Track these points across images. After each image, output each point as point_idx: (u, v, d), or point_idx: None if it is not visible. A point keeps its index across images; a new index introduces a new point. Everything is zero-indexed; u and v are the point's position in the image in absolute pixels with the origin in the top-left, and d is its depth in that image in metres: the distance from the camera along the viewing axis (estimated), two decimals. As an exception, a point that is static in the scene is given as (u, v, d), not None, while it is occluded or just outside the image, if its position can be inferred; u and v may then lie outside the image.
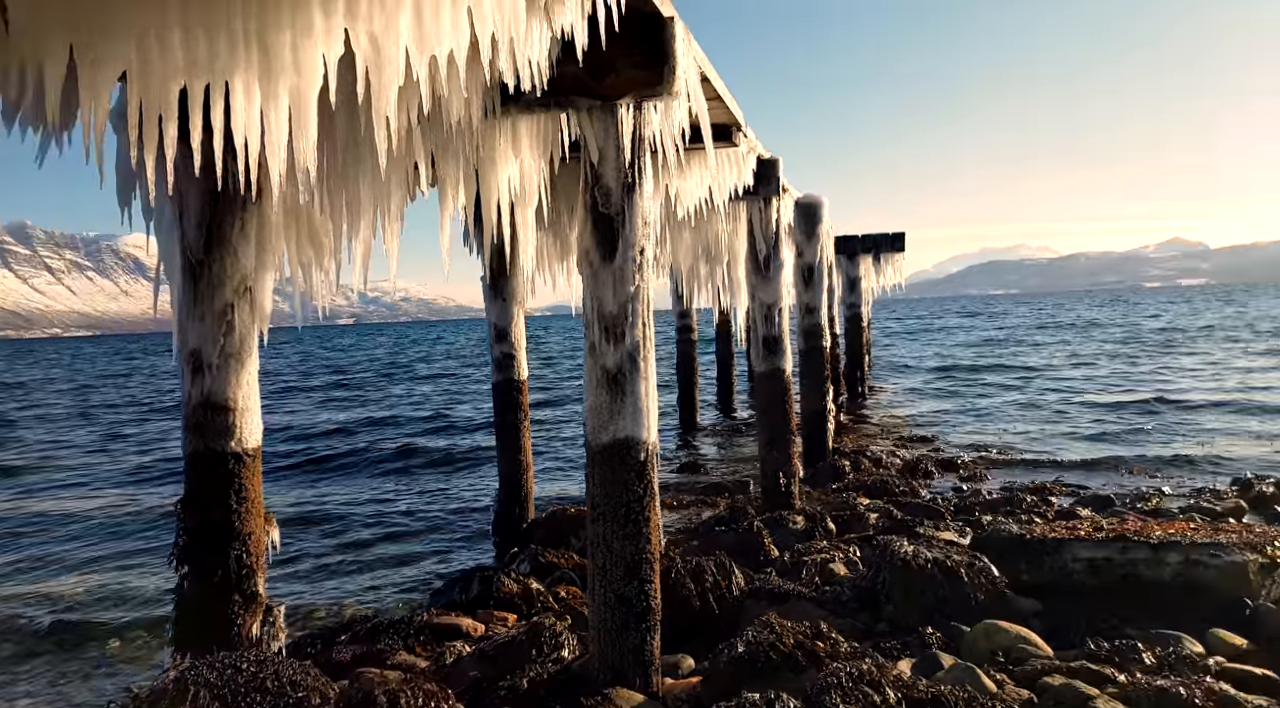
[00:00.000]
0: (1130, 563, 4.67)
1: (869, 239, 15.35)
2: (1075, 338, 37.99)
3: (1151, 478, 9.14)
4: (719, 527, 6.41)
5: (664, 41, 3.74)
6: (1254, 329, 36.95)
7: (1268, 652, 3.89)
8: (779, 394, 7.14)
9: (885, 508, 7.08)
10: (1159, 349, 28.53)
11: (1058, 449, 11.18)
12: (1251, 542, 4.68)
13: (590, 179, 3.83)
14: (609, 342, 3.76)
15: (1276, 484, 7.96)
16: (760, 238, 7.13)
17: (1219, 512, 7.05)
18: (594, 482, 3.78)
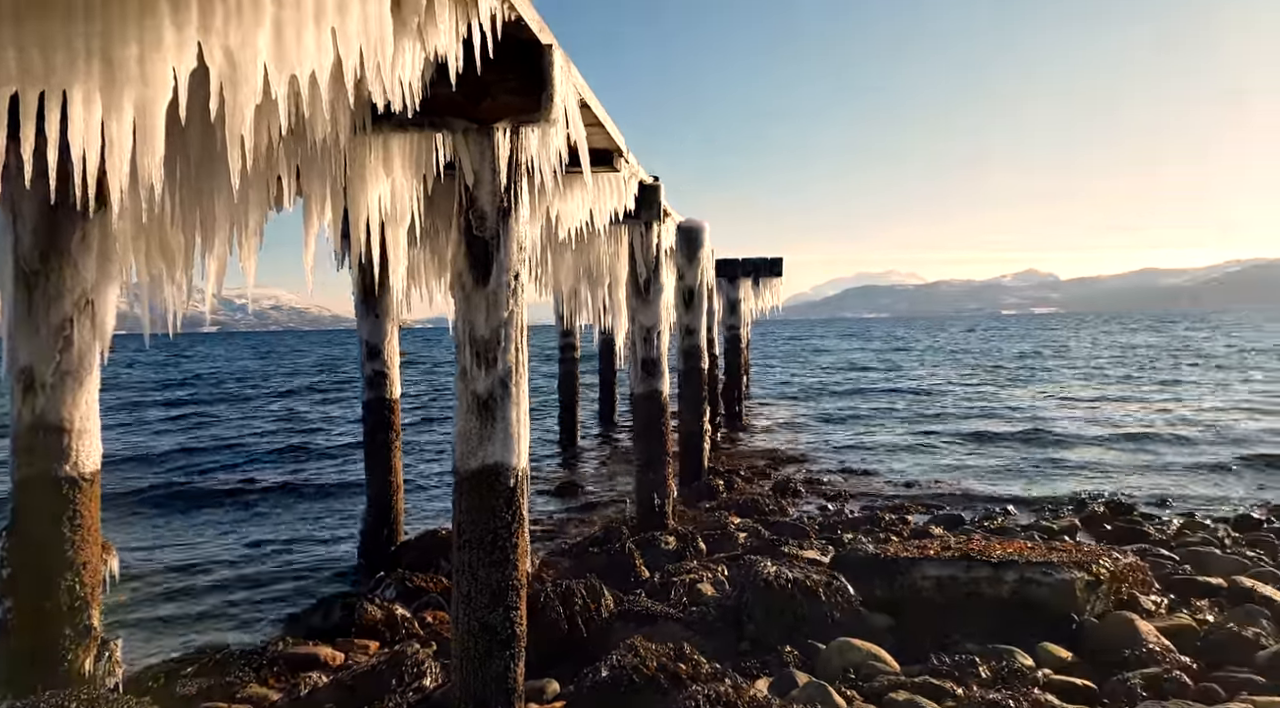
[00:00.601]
0: (973, 581, 4.97)
1: (749, 263, 15.80)
2: (945, 360, 40.13)
3: (997, 496, 9.72)
4: (593, 548, 6.43)
5: (542, 69, 3.77)
6: (1100, 357, 39.92)
7: (1090, 663, 4.22)
8: (656, 415, 7.25)
9: (754, 527, 7.28)
10: (1022, 371, 30.46)
11: (920, 468, 11.76)
12: (1079, 560, 5.07)
13: (465, 202, 3.82)
14: (480, 366, 3.74)
15: (1107, 504, 8.64)
16: (641, 261, 7.24)
17: (1056, 530, 7.59)
18: (461, 508, 3.74)
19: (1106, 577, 4.93)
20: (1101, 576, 4.93)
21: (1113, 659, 4.17)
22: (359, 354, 6.37)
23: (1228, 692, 3.72)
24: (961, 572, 5.02)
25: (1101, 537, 7.41)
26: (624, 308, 7.81)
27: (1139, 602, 4.93)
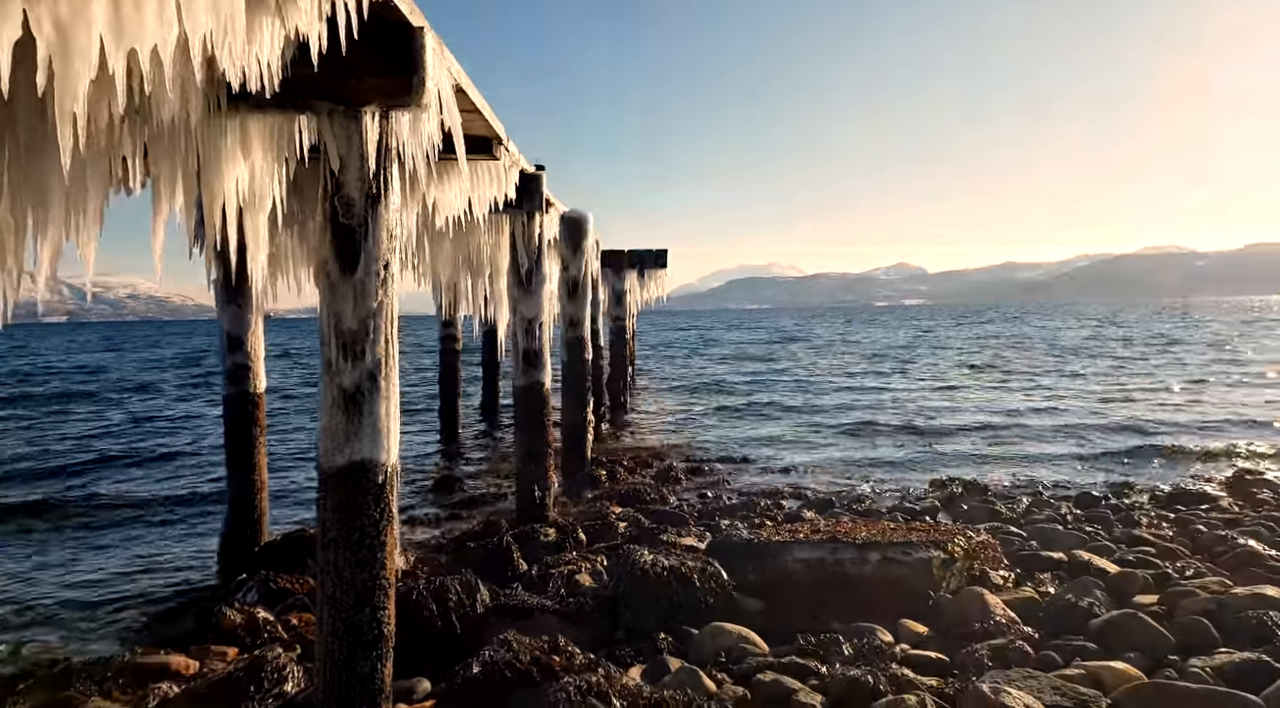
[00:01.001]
0: (839, 562, 5.18)
1: (635, 254, 15.91)
2: (825, 350, 41.54)
3: (867, 480, 10.16)
4: (470, 543, 6.35)
5: (413, 52, 3.67)
6: (969, 348, 42.18)
7: (944, 637, 4.47)
8: (538, 408, 7.21)
9: (635, 517, 7.36)
10: (896, 361, 31.88)
11: (797, 455, 12.15)
12: (936, 540, 5.37)
13: (331, 187, 3.68)
14: (347, 359, 3.62)
15: (964, 486, 9.17)
16: (523, 252, 7.17)
17: (918, 511, 7.99)
18: (326, 506, 3.62)
19: (960, 555, 5.25)
20: (956, 553, 5.24)
21: (965, 632, 4.44)
22: (219, 346, 6.04)
23: (1064, 658, 4.01)
24: (829, 554, 5.23)
25: (959, 516, 7.84)
26: (506, 299, 7.72)
27: (990, 577, 5.27)
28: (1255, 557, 5.42)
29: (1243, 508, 7.56)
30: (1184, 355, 31.28)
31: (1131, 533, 6.50)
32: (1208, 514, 7.22)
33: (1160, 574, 5.26)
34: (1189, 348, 35.60)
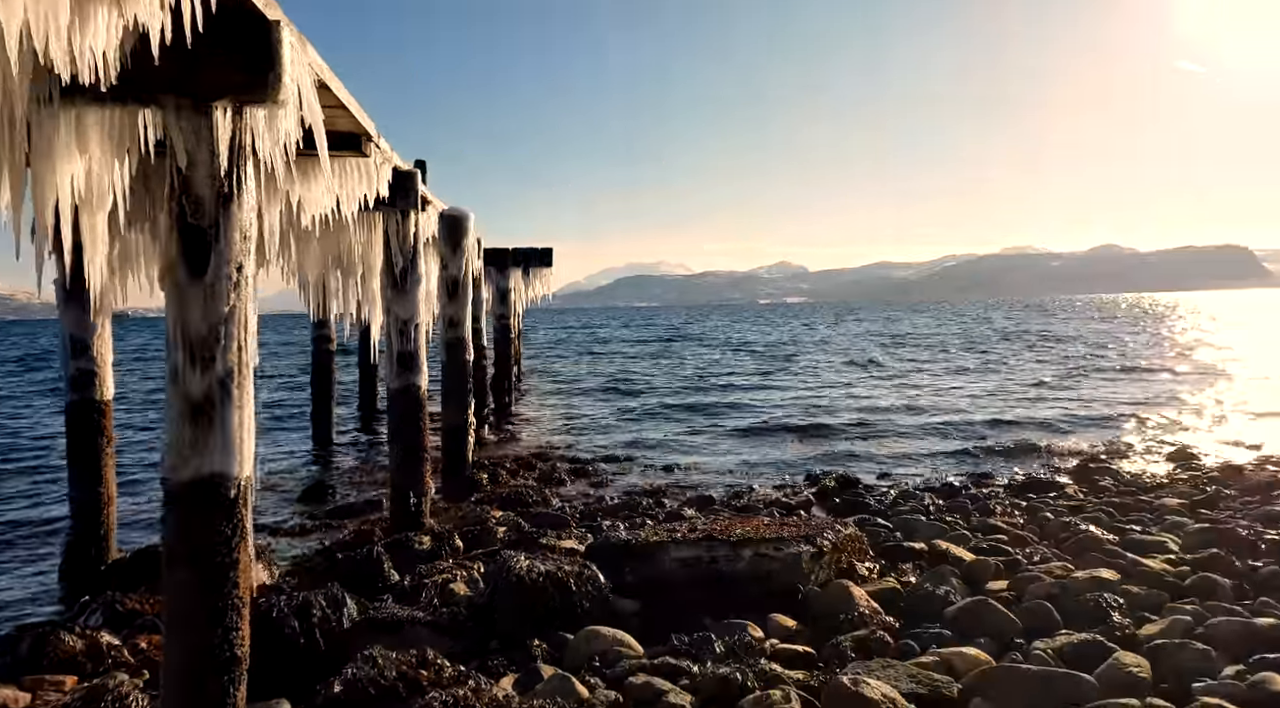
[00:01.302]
0: (714, 560, 5.28)
1: (519, 253, 15.74)
2: (712, 348, 42.26)
3: (748, 476, 10.40)
4: (340, 554, 6.14)
5: (269, 45, 3.51)
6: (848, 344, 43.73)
7: (812, 630, 4.62)
8: (413, 411, 7.03)
9: (515, 521, 7.28)
10: (785, 359, 32.72)
11: (681, 452, 12.31)
12: (807, 534, 5.53)
13: (178, 186, 3.48)
14: (195, 367, 3.43)
15: (837, 479, 9.51)
16: (397, 251, 6.97)
17: (793, 505, 8.24)
18: (173, 523, 3.42)
19: (829, 548, 5.43)
20: (825, 547, 5.42)
21: (831, 624, 4.60)
22: (61, 350, 5.62)
23: (921, 646, 4.21)
24: (704, 552, 5.31)
25: (832, 510, 8.14)
26: (379, 299, 7.50)
27: (856, 569, 5.47)
28: (1095, 541, 5.84)
29: (1087, 495, 8.13)
30: (1049, 351, 33.41)
31: (987, 521, 6.89)
32: (1055, 502, 7.73)
33: (1011, 561, 5.60)
34: (1054, 344, 38.06)
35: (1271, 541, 5.48)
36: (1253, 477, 8.26)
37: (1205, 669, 3.60)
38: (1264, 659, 3.61)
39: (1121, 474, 9.09)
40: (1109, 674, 3.56)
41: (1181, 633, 4.00)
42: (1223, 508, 6.97)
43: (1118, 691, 3.43)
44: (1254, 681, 3.42)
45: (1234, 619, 4.07)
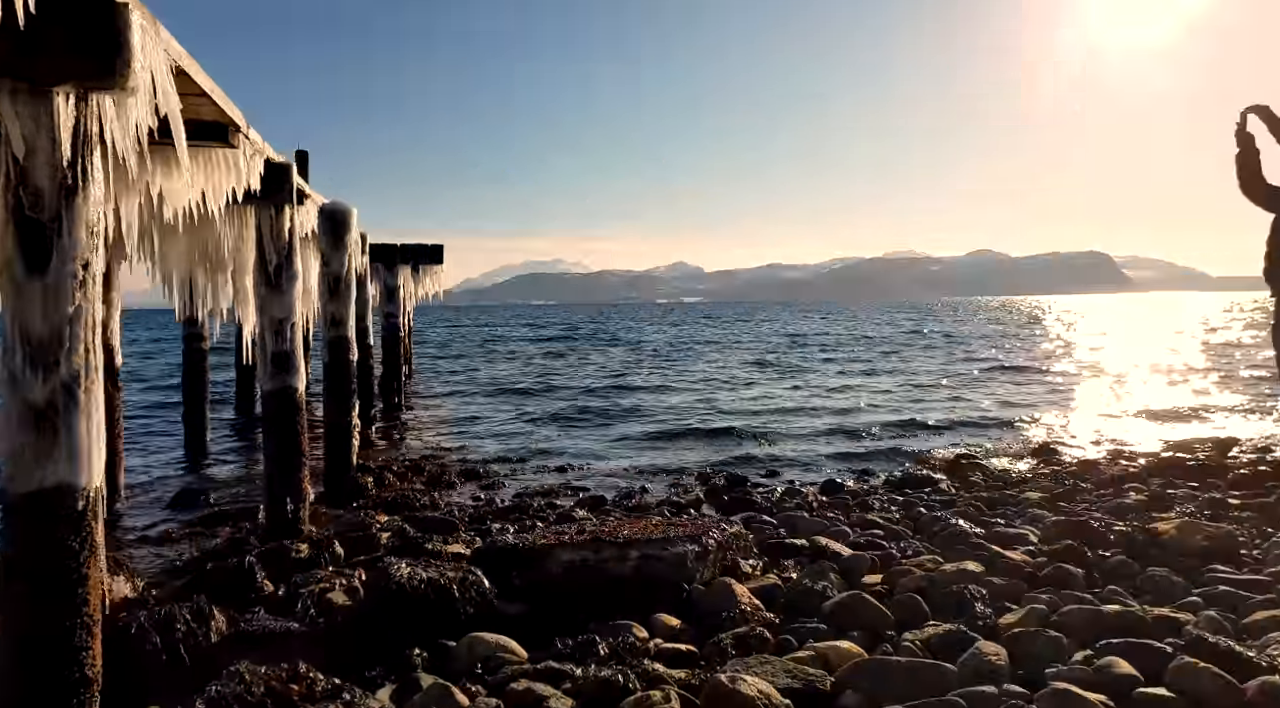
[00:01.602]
0: (602, 562, 5.27)
1: (408, 249, 15.37)
2: (616, 346, 42.34)
3: (642, 475, 10.45)
4: (211, 563, 5.83)
5: (114, 28, 3.29)
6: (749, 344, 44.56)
7: (696, 629, 4.67)
8: (289, 414, 6.75)
9: (400, 526, 7.09)
10: (682, 359, 33.06)
11: (576, 451, 12.26)
12: (693, 533, 5.59)
13: (14, 176, 3.23)
14: (36, 371, 3.20)
15: (727, 478, 9.68)
16: (271, 247, 6.68)
17: (684, 504, 8.33)
18: (13, 537, 3.18)
19: (714, 547, 5.51)
20: (710, 546, 5.49)
21: (714, 623, 4.65)
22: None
23: (799, 641, 4.31)
24: (592, 554, 5.30)
25: (721, 508, 8.26)
26: (252, 297, 7.17)
27: (740, 566, 5.57)
28: (963, 535, 6.12)
29: (959, 490, 8.53)
30: (935, 352, 34.93)
31: (865, 517, 7.13)
32: (930, 497, 8.07)
33: (885, 555, 5.81)
34: (939, 345, 39.81)
35: (1119, 531, 5.87)
36: (1106, 471, 8.84)
37: (1057, 656, 3.82)
38: (1109, 644, 3.85)
39: (991, 470, 9.58)
40: (970, 663, 3.72)
41: (1037, 622, 4.23)
42: (1079, 501, 7.43)
43: (978, 679, 3.60)
44: (1100, 665, 3.65)
45: (1084, 608, 4.33)
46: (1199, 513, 6.58)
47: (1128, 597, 4.68)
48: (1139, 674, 3.55)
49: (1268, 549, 5.45)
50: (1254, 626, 4.21)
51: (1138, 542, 5.61)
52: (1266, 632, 4.10)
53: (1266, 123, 7.39)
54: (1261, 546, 5.58)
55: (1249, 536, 5.82)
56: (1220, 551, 5.42)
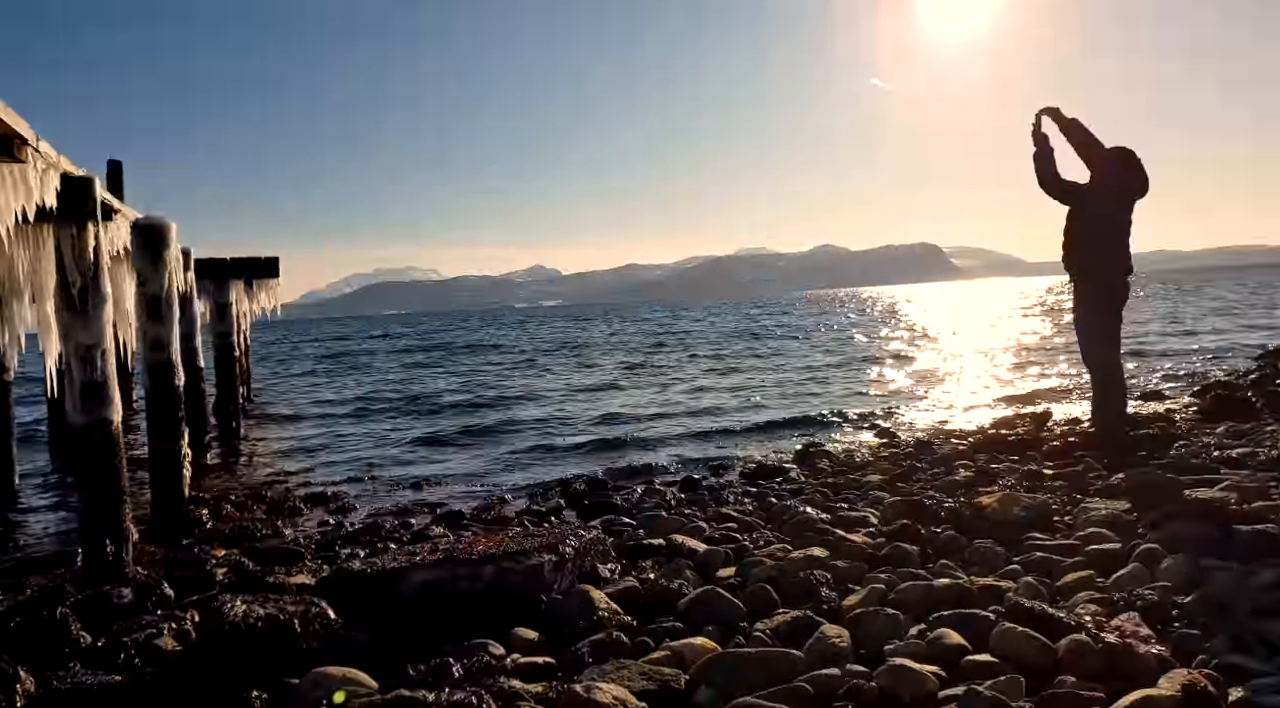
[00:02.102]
0: (456, 580, 5.14)
1: (240, 263, 14.50)
2: (474, 354, 41.45)
3: (500, 486, 10.28)
4: (19, 617, 5.27)
5: None
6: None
7: (554, 640, 4.62)
8: (105, 448, 6.21)
9: (239, 559, 6.67)
10: (543, 362, 32.74)
11: (432, 468, 11.92)
12: (550, 542, 5.54)
13: None
14: None
15: (587, 482, 9.67)
16: (74, 269, 6.12)
17: (544, 512, 8.26)
18: None
19: (571, 554, 5.48)
20: (567, 554, 5.46)
21: (572, 631, 4.63)
22: None
23: (655, 642, 4.35)
24: (445, 574, 5.16)
25: (582, 513, 8.25)
26: (55, 324, 6.55)
27: (599, 572, 5.57)
28: (810, 522, 6.36)
29: (807, 478, 8.88)
30: (789, 344, 36.22)
31: (720, 511, 7.30)
32: (780, 487, 8.36)
33: (739, 548, 5.96)
34: (792, 338, 41.30)
35: (949, 508, 6.27)
36: (939, 450, 9.43)
37: (895, 632, 4.02)
38: (941, 617, 4.09)
39: (837, 456, 10.02)
40: (816, 647, 3.87)
41: (877, 601, 4.44)
42: (915, 481, 7.89)
43: (823, 662, 3.74)
44: (933, 637, 3.87)
45: (918, 584, 4.59)
46: (1018, 485, 7.13)
47: (957, 569, 5.01)
48: (967, 644, 3.79)
49: (1077, 515, 5.95)
50: (1065, 588, 4.59)
51: (965, 516, 6.00)
52: (1075, 592, 4.48)
53: (1057, 123, 8.08)
54: (1072, 511, 6.09)
55: (1061, 503, 6.35)
56: (1037, 519, 5.88)
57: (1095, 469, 7.37)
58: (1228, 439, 8.50)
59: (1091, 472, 7.30)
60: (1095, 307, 8.16)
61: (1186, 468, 7.01)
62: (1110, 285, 8.06)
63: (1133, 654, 3.51)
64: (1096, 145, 7.91)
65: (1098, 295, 8.13)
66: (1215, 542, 4.90)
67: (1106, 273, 8.05)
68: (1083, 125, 7.92)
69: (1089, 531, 5.50)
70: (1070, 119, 7.99)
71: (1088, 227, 8.12)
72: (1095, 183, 8.11)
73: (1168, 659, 3.52)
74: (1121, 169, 7.97)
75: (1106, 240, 8.02)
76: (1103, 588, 4.50)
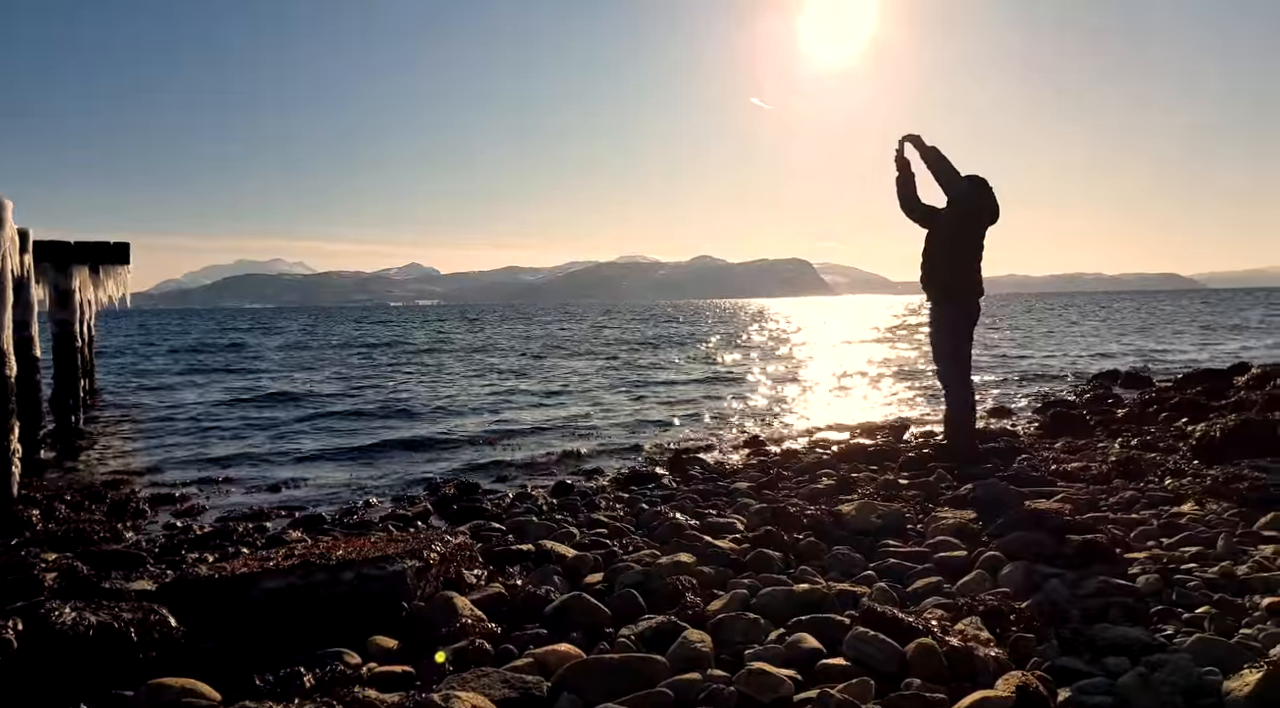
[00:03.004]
0: (311, 587, 4.92)
1: (85, 247, 13.45)
2: (341, 351, 39.88)
3: (364, 490, 9.93)
4: None
5: None
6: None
7: (414, 648, 4.50)
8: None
9: (71, 564, 6.16)
10: (416, 364, 31.83)
11: (290, 468, 11.39)
12: (414, 548, 5.39)
13: None
14: None
15: (456, 486, 9.47)
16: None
17: (410, 517, 8.03)
18: None
19: (436, 560, 5.34)
20: (432, 560, 5.33)
21: (433, 639, 4.52)
22: None
23: (519, 649, 4.30)
24: (300, 580, 4.93)
25: (450, 518, 8.06)
26: None
27: (464, 578, 5.46)
28: (679, 528, 6.44)
29: (679, 484, 8.99)
30: (671, 350, 36.62)
31: (592, 516, 7.30)
32: (652, 492, 8.44)
33: (608, 553, 5.98)
34: (672, 345, 41.77)
35: (811, 515, 6.50)
36: (804, 459, 9.77)
37: (756, 637, 4.12)
38: (799, 621, 4.22)
39: (708, 463, 10.21)
40: (678, 653, 3.91)
41: (740, 606, 4.54)
42: (781, 488, 8.14)
43: (686, 667, 3.79)
44: (791, 641, 3.99)
45: (779, 589, 4.72)
46: (876, 494, 7.46)
47: (816, 575, 5.19)
48: (822, 647, 3.93)
49: (928, 523, 6.28)
50: (915, 593, 4.83)
51: (825, 523, 6.23)
52: (924, 598, 4.72)
53: (918, 150, 8.53)
54: (924, 520, 6.42)
55: (914, 512, 6.68)
56: (892, 527, 6.17)
57: (946, 480, 7.81)
58: (1064, 453, 9.18)
59: (943, 482, 7.73)
60: (949, 326, 8.66)
61: (1027, 480, 7.53)
62: (963, 306, 8.57)
63: (973, 657, 3.72)
64: (952, 173, 8.38)
65: (951, 315, 8.63)
66: (1050, 549, 5.27)
67: (960, 294, 8.55)
68: (940, 153, 8.38)
69: (938, 538, 5.81)
70: (930, 147, 8.44)
71: (942, 250, 8.61)
72: (950, 208, 8.60)
73: (1004, 662, 3.75)
74: (974, 196, 8.48)
75: (960, 264, 8.52)
76: (949, 593, 4.76)
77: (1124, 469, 7.39)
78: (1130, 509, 6.22)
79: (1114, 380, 17.66)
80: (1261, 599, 4.24)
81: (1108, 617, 4.21)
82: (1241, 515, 5.76)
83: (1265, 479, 6.51)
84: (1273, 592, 4.33)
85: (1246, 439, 7.67)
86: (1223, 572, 4.68)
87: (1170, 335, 40.03)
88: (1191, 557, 5.03)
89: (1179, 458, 7.97)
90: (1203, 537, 5.37)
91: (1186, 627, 4.05)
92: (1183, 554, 5.08)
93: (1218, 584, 4.56)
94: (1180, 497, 6.37)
